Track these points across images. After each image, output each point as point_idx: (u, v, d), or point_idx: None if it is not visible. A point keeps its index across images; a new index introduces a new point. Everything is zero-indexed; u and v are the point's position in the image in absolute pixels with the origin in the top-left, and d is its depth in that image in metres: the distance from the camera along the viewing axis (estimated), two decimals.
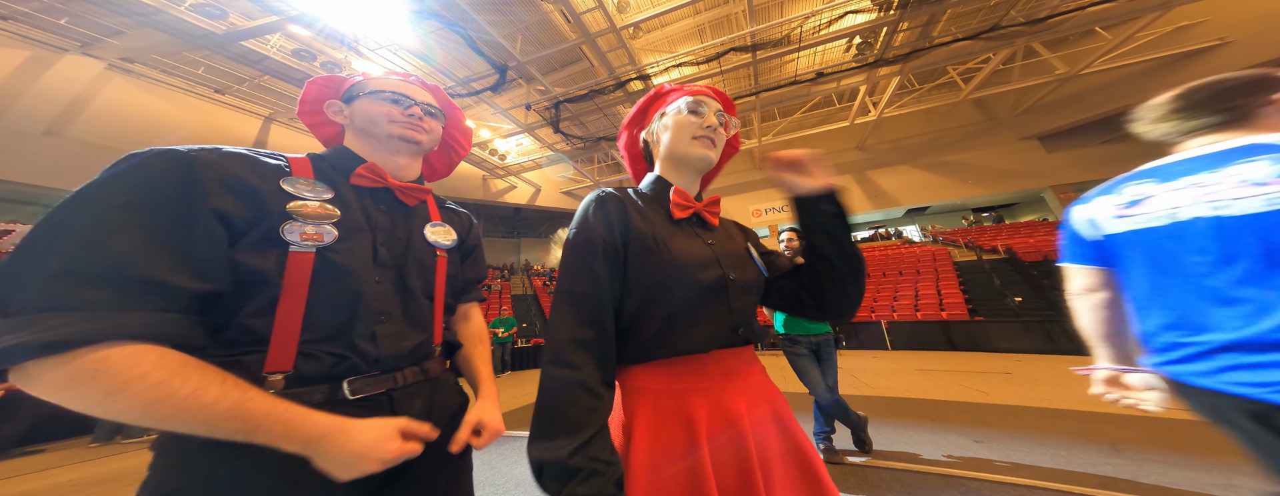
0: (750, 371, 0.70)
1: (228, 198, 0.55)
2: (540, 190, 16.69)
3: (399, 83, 0.79)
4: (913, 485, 2.06)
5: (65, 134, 8.99)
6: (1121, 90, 10.87)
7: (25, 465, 3.53)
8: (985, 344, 7.50)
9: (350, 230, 0.65)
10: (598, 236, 0.65)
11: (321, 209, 0.63)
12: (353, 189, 0.71)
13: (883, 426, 3.02)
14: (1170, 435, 2.62)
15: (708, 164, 0.78)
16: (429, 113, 0.79)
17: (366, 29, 8.37)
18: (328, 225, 0.63)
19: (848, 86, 11.03)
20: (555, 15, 9.00)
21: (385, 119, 0.73)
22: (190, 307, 0.50)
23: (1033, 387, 4.20)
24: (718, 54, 9.27)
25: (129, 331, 0.43)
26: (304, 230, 0.60)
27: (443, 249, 0.80)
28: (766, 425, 0.64)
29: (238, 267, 0.54)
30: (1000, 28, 8.84)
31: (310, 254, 0.59)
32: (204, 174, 0.54)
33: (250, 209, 0.57)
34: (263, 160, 0.63)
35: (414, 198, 0.78)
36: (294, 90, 11.32)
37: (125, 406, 0.42)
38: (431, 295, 0.76)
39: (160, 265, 0.47)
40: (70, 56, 9.06)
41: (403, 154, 0.77)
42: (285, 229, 0.58)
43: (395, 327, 0.68)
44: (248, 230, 0.56)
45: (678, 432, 0.58)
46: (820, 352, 2.59)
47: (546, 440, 0.52)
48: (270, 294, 0.56)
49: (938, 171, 14.55)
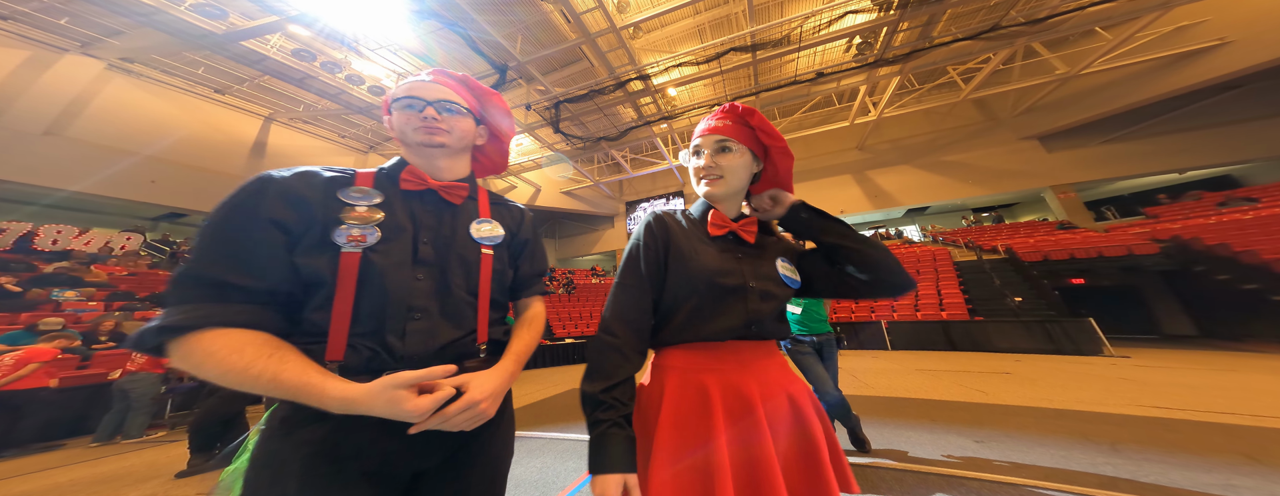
0: (768, 363, 0.81)
1: (283, 209, 0.64)
2: (540, 190, 16.69)
3: (414, 84, 0.78)
4: (913, 485, 2.06)
5: (65, 134, 8.99)
6: (1121, 90, 10.87)
7: (25, 465, 3.53)
8: (985, 344, 7.50)
9: (393, 231, 0.71)
10: (644, 245, 0.83)
11: (367, 213, 0.70)
12: (402, 194, 0.76)
13: (883, 426, 3.02)
14: (1170, 435, 2.62)
15: (714, 200, 0.88)
16: (448, 109, 0.78)
17: (366, 29, 8.37)
18: (372, 227, 0.69)
19: (848, 86, 11.03)
20: (555, 15, 8.99)
21: (408, 127, 0.76)
22: (264, 301, 0.61)
23: (1033, 387, 4.20)
24: (718, 54, 9.28)
25: (212, 320, 0.56)
26: (350, 233, 0.67)
27: (488, 245, 0.80)
28: (780, 411, 0.75)
29: (299, 269, 0.64)
30: (1000, 28, 8.85)
31: (357, 254, 0.66)
32: (268, 190, 0.64)
33: (302, 216, 0.65)
34: (322, 174, 0.71)
35: (458, 196, 0.80)
36: (294, 90, 11.31)
37: (211, 375, 0.54)
38: (475, 291, 0.76)
39: (225, 268, 0.59)
40: (70, 56, 9.05)
41: (435, 157, 0.79)
42: (336, 233, 0.66)
43: (428, 324, 0.69)
44: (303, 235, 0.65)
45: (695, 400, 0.73)
46: (822, 352, 2.61)
47: (590, 381, 0.71)
48: (326, 292, 0.64)
49: (938, 171, 14.54)
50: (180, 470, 2.98)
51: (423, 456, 0.68)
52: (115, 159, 9.56)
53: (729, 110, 0.87)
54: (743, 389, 0.73)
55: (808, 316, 2.64)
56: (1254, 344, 7.31)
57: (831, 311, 2.76)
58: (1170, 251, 9.00)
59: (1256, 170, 11.75)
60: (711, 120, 0.87)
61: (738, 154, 0.84)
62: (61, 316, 5.78)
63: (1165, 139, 11.77)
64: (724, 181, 0.84)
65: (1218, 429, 2.71)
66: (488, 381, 0.67)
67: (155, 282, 8.45)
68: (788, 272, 0.85)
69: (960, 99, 12.16)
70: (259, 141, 12.59)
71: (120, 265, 8.77)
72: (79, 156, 9.02)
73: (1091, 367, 5.35)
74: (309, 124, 13.52)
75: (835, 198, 16.00)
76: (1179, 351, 7.07)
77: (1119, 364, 5.68)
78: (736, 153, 0.84)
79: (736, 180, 0.85)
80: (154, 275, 8.85)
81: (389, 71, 10.03)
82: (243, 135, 12.30)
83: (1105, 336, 6.69)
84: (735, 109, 0.87)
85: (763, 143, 0.86)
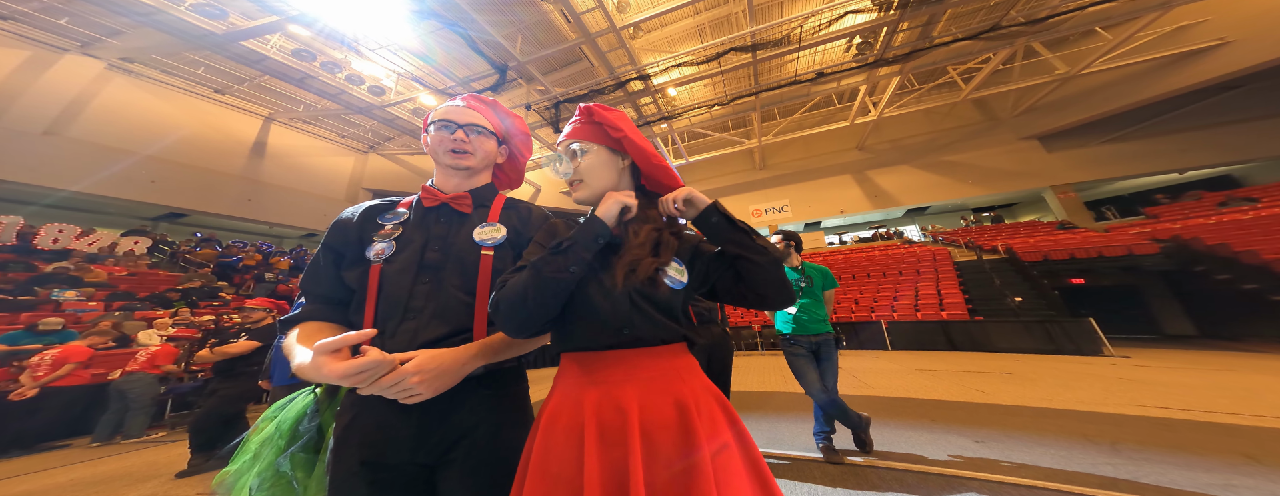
0: (656, 370, 0.74)
1: (334, 236, 0.84)
2: (540, 190, 16.70)
3: (449, 108, 0.89)
4: (913, 484, 2.06)
5: (65, 134, 8.99)
6: (1121, 90, 10.88)
7: (25, 465, 3.53)
8: (985, 344, 7.50)
9: (405, 243, 0.82)
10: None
11: (390, 230, 0.83)
12: (425, 210, 0.87)
13: (883, 426, 3.01)
14: (1170, 435, 2.62)
15: (587, 204, 0.85)
16: (476, 131, 0.89)
17: (366, 29, 8.37)
18: (390, 241, 0.81)
19: (848, 86, 11.04)
20: (555, 15, 8.99)
21: (441, 148, 0.87)
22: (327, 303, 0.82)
23: (1033, 387, 4.19)
24: (718, 54, 9.28)
25: (299, 317, 0.79)
26: (376, 248, 0.80)
27: (488, 247, 0.83)
28: (662, 422, 0.67)
29: (346, 282, 0.81)
30: (1000, 28, 8.85)
31: (378, 265, 0.79)
32: (333, 224, 0.86)
33: (342, 240, 0.84)
34: (370, 205, 0.89)
35: (466, 205, 0.88)
36: (294, 90, 11.32)
37: (294, 353, 0.69)
38: (472, 291, 0.79)
39: (307, 281, 0.84)
40: (70, 56, 9.06)
41: (458, 176, 0.90)
42: (368, 250, 0.81)
43: (417, 324, 0.75)
44: (346, 254, 0.83)
45: (567, 429, 0.68)
46: (820, 353, 2.60)
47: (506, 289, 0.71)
48: (360, 298, 0.79)
49: (938, 171, 14.55)
50: (180, 470, 2.98)
51: (416, 449, 0.70)
52: (115, 159, 9.57)
53: (579, 112, 0.86)
54: (622, 402, 0.68)
55: (806, 316, 2.63)
56: (1253, 344, 7.32)
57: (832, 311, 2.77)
58: (1170, 251, 9.00)
59: (1256, 170, 11.76)
60: (569, 131, 0.86)
61: (592, 154, 0.83)
62: (61, 316, 5.78)
63: (1165, 139, 11.78)
64: (587, 185, 0.83)
65: (1217, 428, 2.71)
66: (432, 359, 0.66)
67: (155, 282, 8.44)
68: (673, 273, 0.77)
69: (960, 99, 12.17)
70: (259, 141, 12.60)
71: (120, 265, 8.76)
72: (79, 156, 9.03)
73: (1091, 367, 5.35)
74: (309, 124, 13.53)
75: (835, 198, 16.01)
76: (1179, 351, 7.08)
77: (1119, 364, 5.68)
78: (591, 153, 0.83)
79: (599, 180, 0.83)
80: (154, 275, 8.84)
81: (389, 71, 10.03)
82: (243, 135, 12.31)
83: (1105, 336, 6.69)
84: (584, 110, 0.85)
85: (611, 136, 0.82)
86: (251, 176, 12.28)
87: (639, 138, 0.82)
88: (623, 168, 0.85)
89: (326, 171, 14.41)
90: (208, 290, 8.91)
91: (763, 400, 4.12)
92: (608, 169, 0.83)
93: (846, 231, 19.47)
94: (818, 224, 17.87)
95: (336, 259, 0.83)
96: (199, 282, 9.00)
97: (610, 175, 0.84)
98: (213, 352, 3.22)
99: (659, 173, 0.84)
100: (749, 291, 0.79)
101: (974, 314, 8.27)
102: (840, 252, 15.00)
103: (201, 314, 7.49)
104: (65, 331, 5.18)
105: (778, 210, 16.74)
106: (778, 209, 16.75)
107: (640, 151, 0.81)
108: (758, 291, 0.78)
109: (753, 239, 0.78)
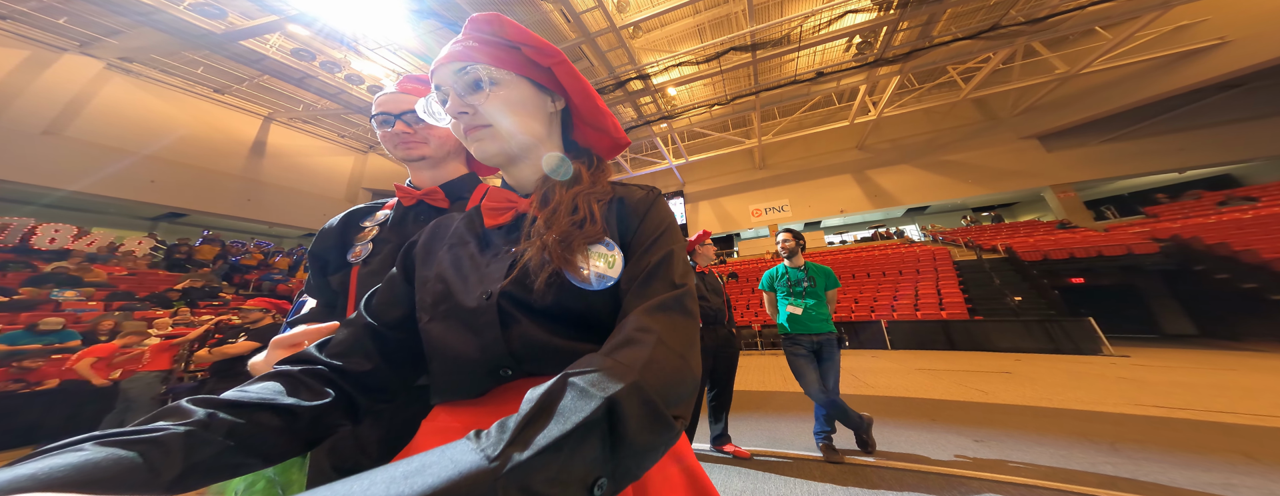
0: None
1: (317, 244, 0.84)
2: None
3: (381, 98, 0.80)
4: (913, 484, 2.06)
5: (65, 133, 8.98)
6: (1121, 90, 10.88)
7: None
8: (985, 343, 7.50)
9: (382, 244, 0.79)
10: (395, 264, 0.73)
11: (368, 232, 0.81)
12: (404, 209, 0.83)
13: (883, 426, 3.01)
14: (1170, 435, 2.62)
15: (490, 162, 0.55)
16: (419, 119, 0.77)
17: (366, 28, 8.36)
18: (368, 243, 0.79)
19: (848, 86, 11.03)
20: (555, 15, 8.98)
21: (388, 144, 0.81)
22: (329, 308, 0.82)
23: (1033, 387, 4.20)
24: (718, 53, 9.28)
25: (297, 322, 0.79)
26: (355, 250, 0.79)
27: None
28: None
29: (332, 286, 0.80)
30: (1000, 27, 8.85)
31: (356, 267, 0.77)
32: (319, 231, 0.85)
33: (324, 247, 0.83)
34: (355, 209, 0.86)
35: (442, 200, 0.82)
36: (293, 90, 11.31)
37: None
38: None
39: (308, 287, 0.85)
40: (69, 56, 9.05)
41: (421, 169, 0.83)
42: (349, 252, 0.79)
43: None
44: (330, 260, 0.82)
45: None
46: (821, 353, 2.59)
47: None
48: (342, 300, 0.78)
49: (938, 171, 14.55)
50: None
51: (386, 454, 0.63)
52: (114, 158, 9.56)
53: (474, 24, 0.53)
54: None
55: (808, 316, 2.62)
56: (1253, 343, 7.32)
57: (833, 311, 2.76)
58: (1170, 251, 9.01)
59: (1256, 169, 11.76)
60: (449, 47, 0.53)
61: (506, 87, 0.51)
62: (61, 316, 5.78)
63: (1165, 138, 11.78)
64: (495, 134, 0.51)
65: (1217, 428, 2.71)
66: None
67: (155, 282, 8.43)
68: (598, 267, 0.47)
69: (960, 98, 12.16)
70: (258, 141, 12.60)
71: (120, 265, 8.76)
72: (78, 156, 9.02)
73: (1091, 367, 5.36)
74: (308, 123, 13.52)
75: (835, 197, 16.00)
76: (1178, 350, 7.08)
77: (1118, 363, 5.69)
78: (505, 85, 0.51)
79: (517, 128, 0.51)
80: (154, 275, 8.84)
81: (388, 71, 10.02)
82: (242, 134, 12.30)
83: (1105, 336, 6.69)
84: (484, 20, 0.52)
85: (537, 63, 0.52)
86: (251, 176, 12.28)
87: (574, 69, 0.54)
88: (553, 113, 0.56)
89: (326, 171, 14.41)
90: (208, 290, 8.90)
91: (763, 400, 4.12)
92: (532, 111, 0.53)
93: (846, 231, 19.47)
94: (818, 223, 17.87)
95: (321, 266, 0.83)
96: (200, 283, 8.99)
97: (536, 122, 0.53)
98: (211, 353, 3.22)
99: (602, 119, 0.56)
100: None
101: (974, 313, 8.27)
102: (840, 252, 15.00)
103: (201, 314, 7.49)
104: (65, 331, 5.17)
105: (777, 210, 16.74)
106: (778, 208, 16.75)
107: (580, 87, 0.54)
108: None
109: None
